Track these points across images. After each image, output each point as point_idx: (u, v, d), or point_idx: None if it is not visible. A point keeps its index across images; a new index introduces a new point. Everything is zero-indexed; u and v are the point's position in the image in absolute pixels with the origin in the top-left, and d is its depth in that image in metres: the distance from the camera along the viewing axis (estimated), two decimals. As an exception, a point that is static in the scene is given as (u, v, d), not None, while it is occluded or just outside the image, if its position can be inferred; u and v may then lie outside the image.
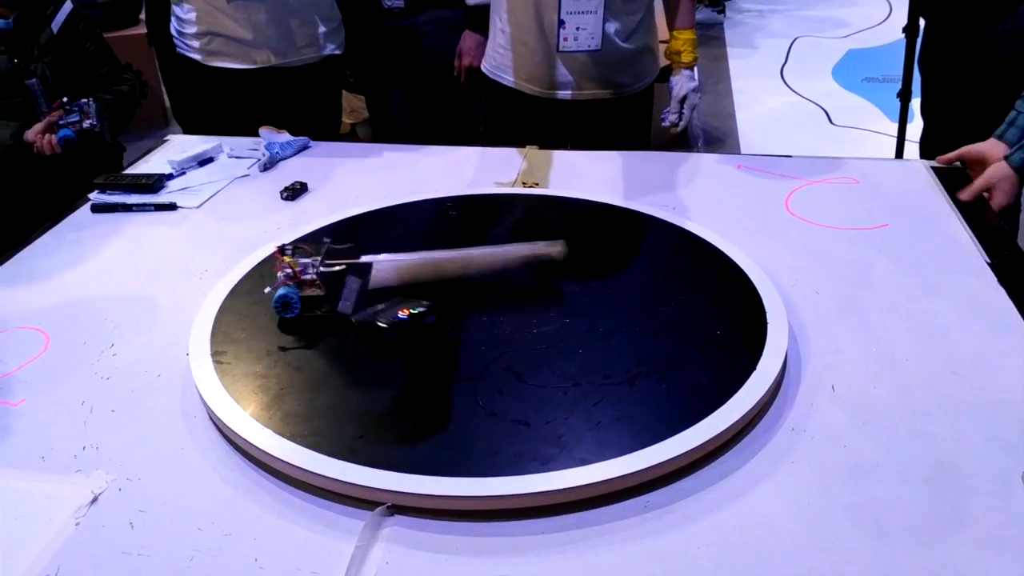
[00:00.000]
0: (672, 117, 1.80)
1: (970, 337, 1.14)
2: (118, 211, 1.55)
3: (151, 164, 1.75)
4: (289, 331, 1.15)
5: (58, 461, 0.98)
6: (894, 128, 2.90)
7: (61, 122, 1.88)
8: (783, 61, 4.87)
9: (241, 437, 0.96)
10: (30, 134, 1.87)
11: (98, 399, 1.08)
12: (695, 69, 1.82)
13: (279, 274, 1.15)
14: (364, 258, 1.22)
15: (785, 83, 4.55)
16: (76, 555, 0.86)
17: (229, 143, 1.79)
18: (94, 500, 0.93)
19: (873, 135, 3.81)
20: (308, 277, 1.15)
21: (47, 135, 1.86)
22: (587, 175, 1.64)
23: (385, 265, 1.21)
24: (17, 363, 1.16)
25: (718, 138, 3.88)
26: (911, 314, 1.19)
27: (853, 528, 0.86)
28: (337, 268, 1.18)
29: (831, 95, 4.34)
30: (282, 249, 1.17)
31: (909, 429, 0.99)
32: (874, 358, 1.11)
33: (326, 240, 1.23)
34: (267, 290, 1.16)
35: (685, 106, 1.80)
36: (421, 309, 1.10)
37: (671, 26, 1.83)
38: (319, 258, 1.17)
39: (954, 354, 1.11)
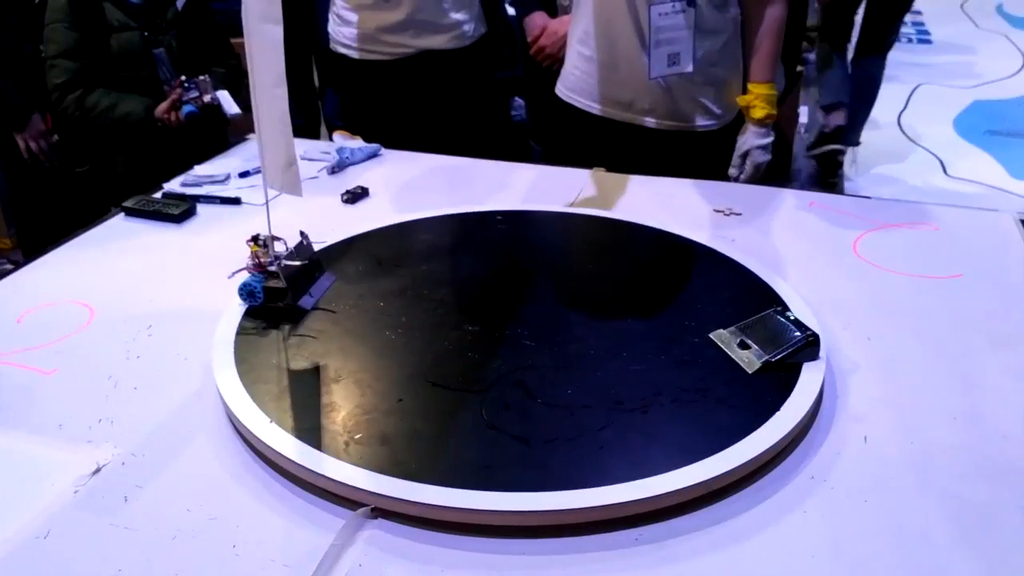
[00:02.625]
0: (732, 171, 1.74)
1: (1028, 401, 1.05)
2: (187, 200, 1.61)
3: (227, 161, 1.81)
4: (256, 317, 1.18)
5: (73, 431, 1.01)
6: (1014, 184, 2.73)
7: (183, 99, 2.09)
8: (902, 107, 4.68)
9: (242, 423, 0.96)
10: (159, 111, 2.10)
11: (124, 375, 1.11)
12: (768, 126, 1.73)
13: (247, 261, 1.19)
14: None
15: (901, 130, 4.36)
16: (68, 521, 0.88)
17: (304, 146, 1.84)
18: (96, 471, 0.95)
19: (990, 191, 3.60)
20: (272, 269, 1.18)
21: (173, 112, 2.09)
22: (653, 201, 1.60)
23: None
24: (59, 335, 1.20)
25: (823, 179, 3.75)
26: (968, 371, 1.11)
27: (856, 589, 0.80)
28: (297, 263, 1.20)
29: (949, 145, 4.13)
30: (255, 239, 1.19)
31: (942, 491, 0.91)
32: (917, 412, 1.03)
33: (303, 233, 1.25)
34: (229, 276, 1.19)
35: (747, 162, 1.72)
36: None
37: (746, 78, 1.76)
38: (288, 251, 1.20)
39: (1007, 417, 1.02)
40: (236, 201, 1.61)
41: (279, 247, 1.20)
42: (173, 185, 1.68)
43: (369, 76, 2.15)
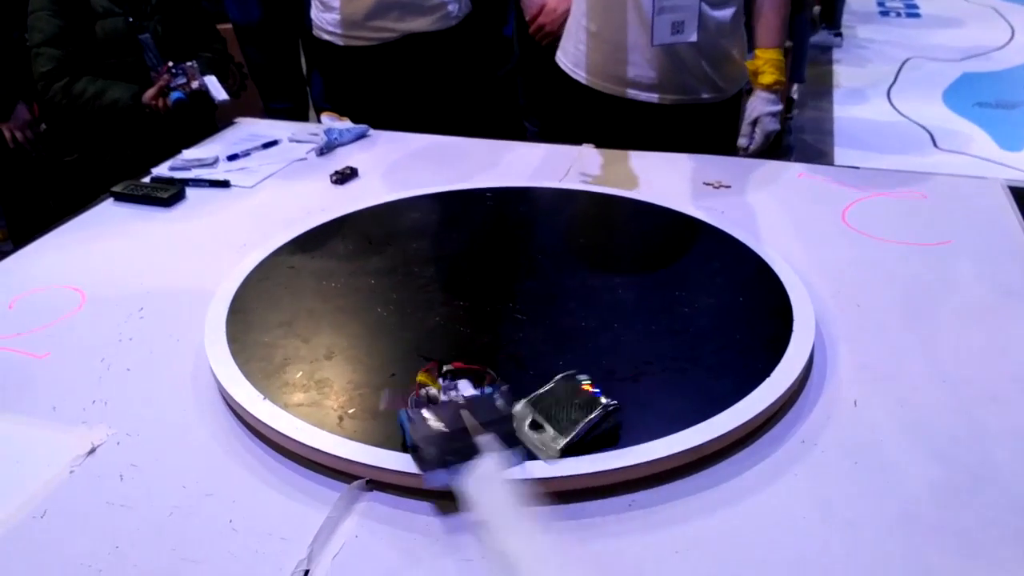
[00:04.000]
0: (742, 140, 1.72)
1: (1016, 364, 1.05)
2: (175, 184, 1.60)
3: (215, 145, 1.80)
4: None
5: (67, 412, 1.01)
6: (1004, 155, 2.74)
7: (171, 85, 2.06)
8: (891, 81, 4.67)
9: (236, 401, 0.97)
10: (146, 98, 2.08)
11: (117, 357, 1.11)
12: (777, 92, 1.71)
13: (417, 388, 0.93)
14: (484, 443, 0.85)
15: (891, 104, 4.36)
16: (64, 501, 0.89)
17: (292, 128, 1.83)
18: (91, 451, 0.95)
19: (979, 162, 3.60)
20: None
21: (160, 99, 2.06)
22: (643, 175, 1.60)
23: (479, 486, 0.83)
24: (51, 319, 1.20)
25: (814, 154, 3.75)
26: (957, 335, 1.11)
27: (846, 550, 0.80)
28: (440, 428, 0.85)
29: (939, 118, 4.12)
30: (440, 369, 0.94)
31: (931, 452, 0.92)
32: (907, 377, 1.04)
33: (502, 388, 0.91)
34: (382, 404, 0.95)
35: (757, 129, 1.70)
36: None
37: (753, 43, 1.74)
38: (475, 396, 0.90)
39: (997, 379, 1.03)
40: (225, 184, 1.60)
41: (466, 387, 0.93)
42: (162, 169, 1.68)
43: (354, 62, 2.14)
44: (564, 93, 1.87)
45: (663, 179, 1.59)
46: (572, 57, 1.85)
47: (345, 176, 1.61)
